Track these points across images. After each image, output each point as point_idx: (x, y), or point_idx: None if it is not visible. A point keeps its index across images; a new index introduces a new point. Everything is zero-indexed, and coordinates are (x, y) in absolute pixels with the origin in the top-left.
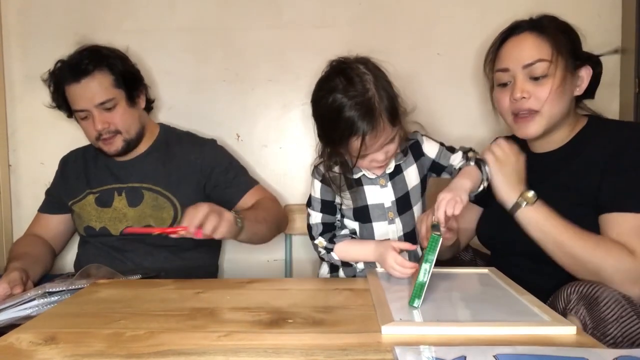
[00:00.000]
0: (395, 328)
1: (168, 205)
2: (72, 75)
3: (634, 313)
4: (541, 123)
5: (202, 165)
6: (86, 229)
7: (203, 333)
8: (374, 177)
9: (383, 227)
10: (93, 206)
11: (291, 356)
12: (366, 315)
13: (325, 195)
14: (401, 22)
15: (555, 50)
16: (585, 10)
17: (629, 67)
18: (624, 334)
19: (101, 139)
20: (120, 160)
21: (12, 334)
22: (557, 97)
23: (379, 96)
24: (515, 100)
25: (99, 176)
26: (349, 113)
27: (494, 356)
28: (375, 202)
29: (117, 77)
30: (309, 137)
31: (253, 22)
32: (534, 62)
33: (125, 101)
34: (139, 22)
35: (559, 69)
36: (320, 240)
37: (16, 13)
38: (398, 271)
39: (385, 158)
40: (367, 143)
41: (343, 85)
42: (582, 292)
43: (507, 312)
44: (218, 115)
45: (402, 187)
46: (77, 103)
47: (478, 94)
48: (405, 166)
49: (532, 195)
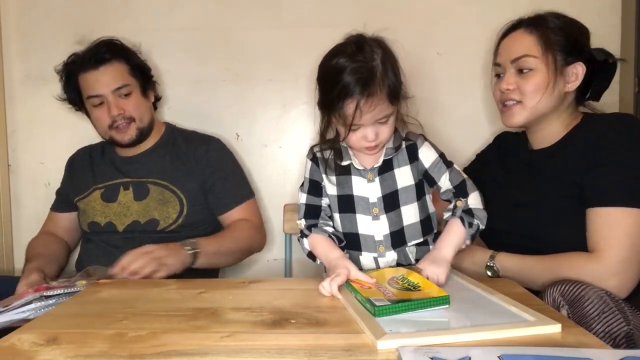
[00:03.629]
0: (390, 342)
1: (174, 200)
2: (89, 63)
3: (616, 308)
4: (523, 114)
5: (206, 163)
6: (90, 224)
7: (205, 333)
8: (362, 168)
9: (367, 221)
10: (99, 201)
11: (294, 356)
12: None
13: (314, 175)
14: (401, 22)
15: (542, 46)
16: (585, 10)
17: (629, 66)
18: (606, 330)
19: (115, 126)
20: (126, 155)
21: (14, 334)
22: (541, 91)
23: (383, 68)
24: (501, 91)
25: (105, 172)
26: (349, 75)
27: (499, 357)
28: (360, 194)
29: (132, 67)
30: (309, 137)
31: (253, 22)
32: (520, 56)
33: (139, 91)
34: (139, 22)
35: (545, 64)
36: (301, 223)
37: (16, 13)
38: (324, 290)
39: (375, 138)
40: (361, 109)
41: (352, 50)
42: (564, 291)
43: (485, 315)
44: (218, 114)
45: (391, 184)
46: (92, 89)
47: (478, 94)
48: (397, 164)
49: (489, 266)
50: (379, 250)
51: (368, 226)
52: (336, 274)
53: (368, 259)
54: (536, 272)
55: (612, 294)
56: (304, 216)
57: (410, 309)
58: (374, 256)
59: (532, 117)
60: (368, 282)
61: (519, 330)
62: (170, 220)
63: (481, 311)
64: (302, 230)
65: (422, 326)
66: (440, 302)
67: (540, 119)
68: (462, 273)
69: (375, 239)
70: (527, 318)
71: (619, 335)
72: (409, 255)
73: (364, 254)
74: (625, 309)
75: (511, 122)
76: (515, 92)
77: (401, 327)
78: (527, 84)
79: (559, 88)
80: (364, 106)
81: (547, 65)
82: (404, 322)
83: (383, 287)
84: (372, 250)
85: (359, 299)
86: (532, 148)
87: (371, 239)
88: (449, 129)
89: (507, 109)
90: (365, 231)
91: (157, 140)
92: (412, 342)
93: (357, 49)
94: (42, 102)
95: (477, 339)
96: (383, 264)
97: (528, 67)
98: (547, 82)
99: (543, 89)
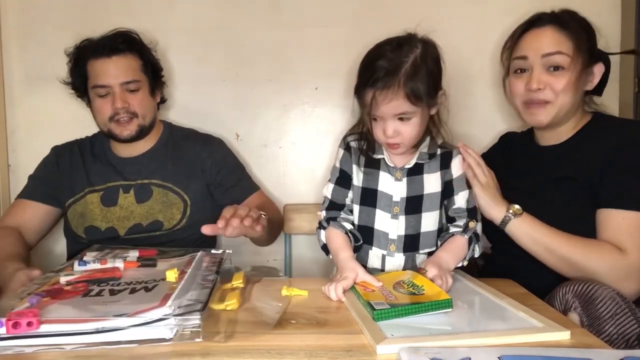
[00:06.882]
0: (390, 347)
1: (178, 202)
2: (102, 50)
3: (628, 310)
4: (552, 112)
5: (212, 163)
6: (88, 229)
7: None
8: (392, 166)
9: (385, 218)
10: (97, 205)
11: (295, 357)
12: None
13: (344, 165)
14: (401, 22)
15: (575, 47)
16: (585, 10)
17: (629, 66)
18: (619, 331)
19: (115, 119)
20: (125, 156)
21: None
22: (571, 90)
23: (412, 68)
24: (530, 90)
25: (101, 173)
26: (376, 63)
27: (499, 357)
28: (385, 190)
29: (145, 64)
30: (309, 137)
31: (253, 22)
32: (553, 52)
33: (147, 88)
34: (139, 22)
35: (577, 64)
36: (321, 214)
37: (16, 13)
38: (329, 292)
39: (393, 134)
40: (377, 99)
41: (391, 46)
42: (578, 291)
43: (491, 320)
44: (218, 114)
45: (417, 188)
46: (101, 78)
47: (480, 94)
48: (428, 170)
49: (517, 207)
50: (389, 249)
51: (385, 223)
52: (343, 277)
53: (377, 255)
54: (560, 247)
55: (623, 295)
56: (326, 208)
57: (410, 313)
58: (383, 253)
59: (558, 117)
60: (374, 285)
61: (526, 337)
62: (175, 222)
63: (487, 316)
64: (321, 221)
65: (425, 331)
66: (443, 306)
67: (562, 118)
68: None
69: (389, 237)
70: (536, 324)
71: (631, 337)
72: (416, 262)
73: (374, 249)
74: (636, 311)
75: (539, 120)
76: (546, 91)
77: (403, 331)
78: (559, 83)
79: (582, 88)
80: (378, 96)
81: (577, 65)
82: (406, 326)
83: (387, 291)
84: (383, 248)
85: (361, 302)
86: (540, 144)
87: (385, 236)
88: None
89: (534, 107)
90: (381, 227)
91: (156, 141)
92: (412, 346)
93: (397, 45)
94: (42, 102)
95: (481, 344)
96: (389, 263)
97: (559, 65)
98: (577, 81)
99: (574, 88)
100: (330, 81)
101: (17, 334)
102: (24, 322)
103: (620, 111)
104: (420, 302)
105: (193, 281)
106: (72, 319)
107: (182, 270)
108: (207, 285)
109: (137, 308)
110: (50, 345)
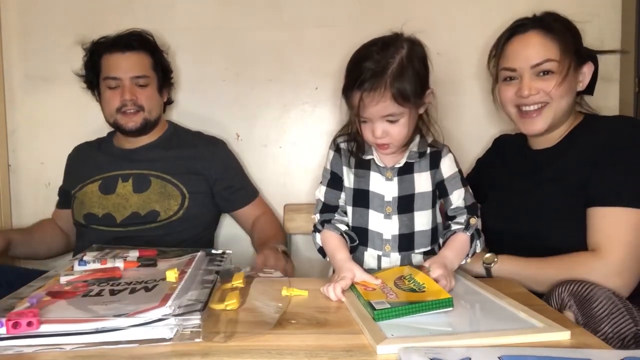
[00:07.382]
0: (390, 347)
1: (176, 194)
2: (117, 46)
3: (624, 309)
4: (549, 116)
5: (216, 164)
6: (86, 216)
7: (206, 334)
8: (382, 165)
9: (379, 219)
10: (96, 193)
11: (295, 357)
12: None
13: (335, 167)
14: (401, 22)
15: (562, 49)
16: (585, 10)
17: (629, 66)
18: (615, 330)
19: (122, 110)
20: (127, 147)
21: None
22: (562, 92)
23: (398, 69)
24: (522, 97)
25: (102, 163)
26: (362, 64)
27: (499, 357)
28: (376, 191)
29: (156, 63)
30: (308, 137)
31: (253, 22)
32: (542, 62)
33: (156, 86)
34: (139, 22)
35: (565, 67)
36: (315, 217)
37: (16, 13)
38: (328, 293)
39: (382, 135)
40: (364, 101)
41: (377, 47)
42: (574, 290)
43: (492, 320)
44: (218, 114)
45: (408, 187)
46: (112, 71)
47: (478, 94)
48: (418, 169)
49: (489, 256)
50: (384, 249)
51: (379, 224)
52: (341, 278)
53: (372, 255)
54: (541, 274)
55: (618, 294)
56: (320, 211)
57: (411, 312)
58: (378, 254)
59: (555, 120)
60: (373, 283)
61: (526, 337)
62: (171, 212)
63: (488, 316)
64: (316, 225)
65: (425, 331)
66: (444, 305)
67: (557, 122)
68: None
69: (384, 237)
70: (536, 324)
71: (627, 336)
72: (412, 262)
73: (369, 250)
74: (632, 310)
75: (534, 129)
76: (538, 95)
77: (403, 331)
78: (549, 86)
79: (574, 89)
80: (366, 98)
81: (566, 68)
82: (406, 327)
83: (387, 289)
84: (378, 248)
85: (361, 302)
86: (533, 148)
87: (379, 236)
88: (449, 129)
89: (529, 116)
90: (375, 228)
91: (160, 135)
92: (412, 346)
93: (383, 45)
94: (42, 102)
95: (481, 344)
96: (385, 264)
97: (549, 70)
98: (569, 84)
99: (567, 90)
100: (330, 81)
101: (17, 334)
102: (24, 322)
103: (620, 111)
104: (420, 301)
105: (193, 281)
106: (72, 319)
107: (182, 270)
108: (207, 285)
109: (137, 308)
110: (50, 345)
